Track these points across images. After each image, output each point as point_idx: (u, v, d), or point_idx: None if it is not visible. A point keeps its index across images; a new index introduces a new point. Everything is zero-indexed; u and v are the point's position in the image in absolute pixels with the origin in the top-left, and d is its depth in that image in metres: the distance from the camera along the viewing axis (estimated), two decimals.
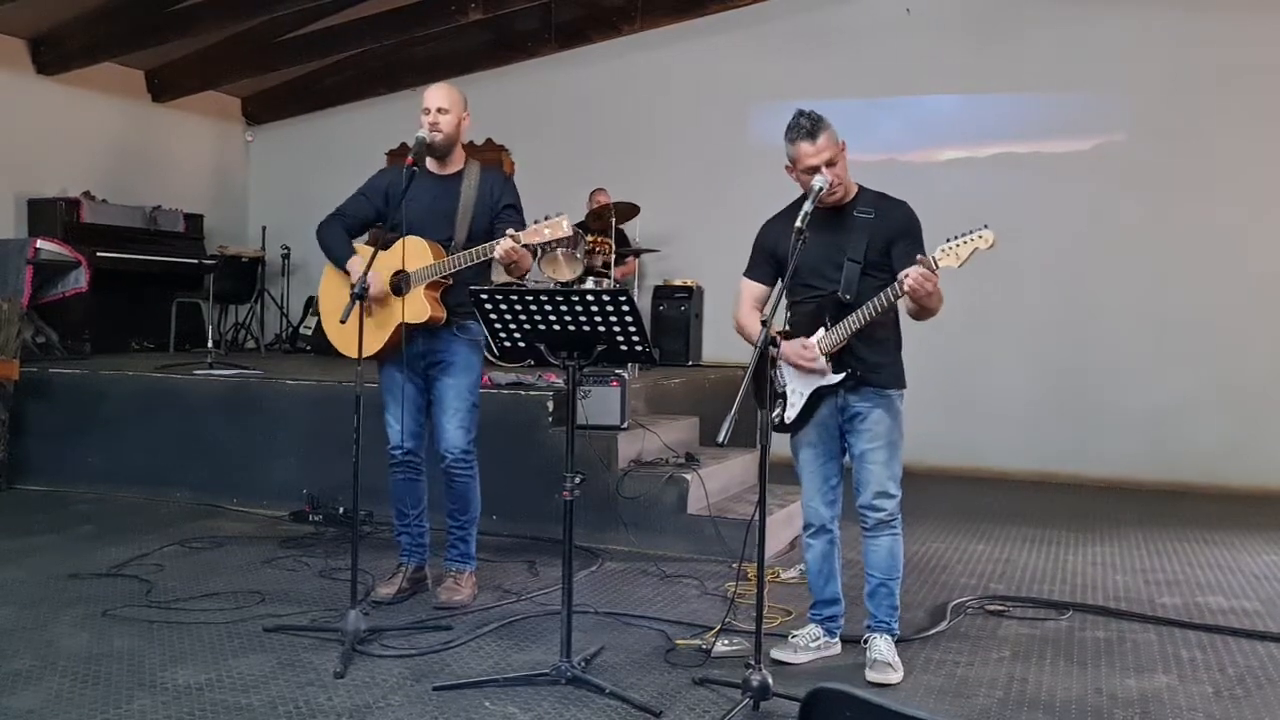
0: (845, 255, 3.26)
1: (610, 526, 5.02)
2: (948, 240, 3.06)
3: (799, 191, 3.31)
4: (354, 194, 4.07)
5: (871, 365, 3.31)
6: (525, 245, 3.60)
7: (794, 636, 3.52)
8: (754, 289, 3.49)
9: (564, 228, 3.55)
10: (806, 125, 3.23)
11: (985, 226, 3.00)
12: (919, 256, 3.06)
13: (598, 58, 8.79)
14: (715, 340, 7.84)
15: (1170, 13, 7.28)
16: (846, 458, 3.44)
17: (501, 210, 3.91)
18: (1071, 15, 7.53)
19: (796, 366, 3.33)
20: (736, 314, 3.47)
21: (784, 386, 3.40)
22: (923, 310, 3.20)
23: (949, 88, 7.81)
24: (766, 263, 3.46)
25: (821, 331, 3.28)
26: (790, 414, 3.38)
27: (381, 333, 3.86)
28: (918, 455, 3.47)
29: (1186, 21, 7.25)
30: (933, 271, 3.03)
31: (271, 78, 9.57)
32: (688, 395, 6.57)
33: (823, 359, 3.26)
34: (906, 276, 3.05)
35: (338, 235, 3.99)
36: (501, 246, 3.59)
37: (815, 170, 3.22)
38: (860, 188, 3.38)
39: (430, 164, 3.91)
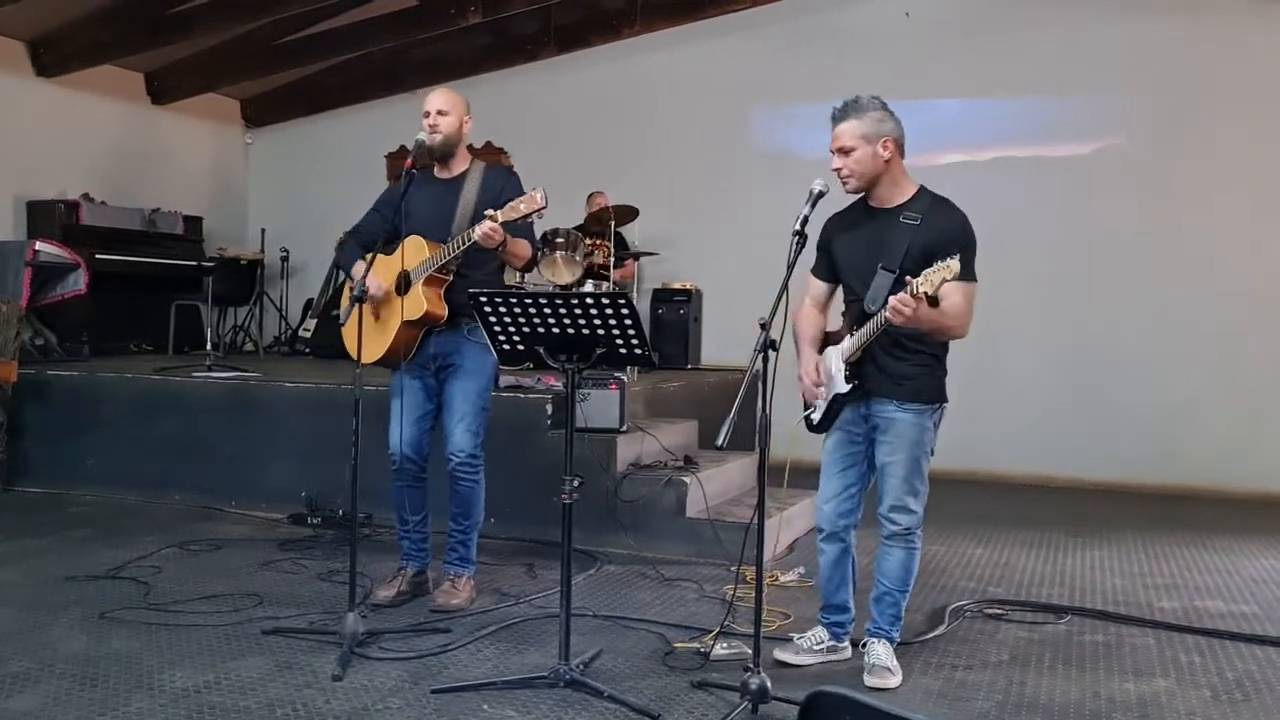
0: (880, 262, 3.20)
1: (609, 529, 5.01)
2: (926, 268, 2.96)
3: (801, 193, 3.20)
4: (369, 210, 4.09)
5: (895, 376, 3.25)
6: (504, 224, 3.61)
7: (799, 638, 3.51)
8: (816, 286, 3.50)
9: (538, 199, 3.58)
10: (837, 109, 3.23)
11: (954, 257, 2.85)
12: (906, 279, 2.97)
13: (597, 60, 8.80)
14: (714, 343, 7.85)
15: (1169, 16, 7.29)
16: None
17: (505, 204, 3.92)
18: (1071, 18, 7.53)
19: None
20: (795, 312, 3.44)
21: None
22: (931, 333, 3.17)
23: (949, 91, 7.80)
24: (825, 259, 3.45)
25: (847, 339, 3.29)
26: (816, 415, 3.41)
27: (386, 335, 3.87)
28: None
29: (1185, 24, 7.26)
30: (913, 298, 2.93)
31: (271, 80, 9.57)
32: (687, 398, 6.56)
33: (839, 375, 3.28)
34: (887, 305, 3.01)
35: (352, 252, 4.00)
36: (480, 228, 3.60)
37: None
38: (920, 189, 3.30)
39: (435, 168, 3.93)
